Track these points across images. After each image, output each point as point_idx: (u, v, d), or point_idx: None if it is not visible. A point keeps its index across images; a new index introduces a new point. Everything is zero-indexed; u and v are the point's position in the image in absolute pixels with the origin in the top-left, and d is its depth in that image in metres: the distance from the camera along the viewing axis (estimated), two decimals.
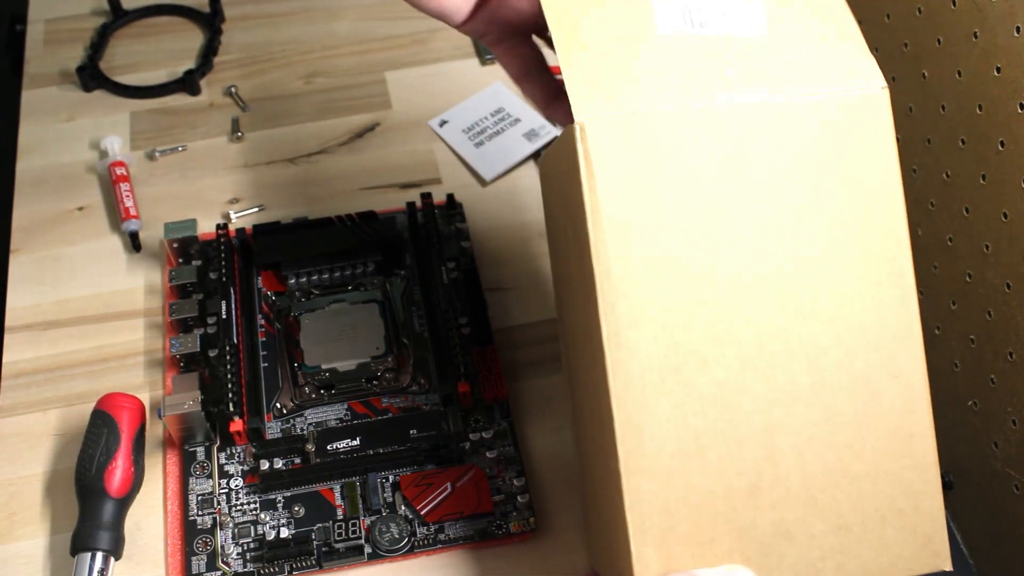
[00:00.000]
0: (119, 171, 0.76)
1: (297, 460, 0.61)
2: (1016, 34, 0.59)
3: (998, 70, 0.61)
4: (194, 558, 0.58)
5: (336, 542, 0.58)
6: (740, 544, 0.42)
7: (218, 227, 0.70)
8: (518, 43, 0.55)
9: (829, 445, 0.43)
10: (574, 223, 0.44)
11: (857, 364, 0.43)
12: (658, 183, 0.42)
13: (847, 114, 0.43)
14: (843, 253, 0.43)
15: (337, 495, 0.60)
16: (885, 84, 0.43)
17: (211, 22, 0.89)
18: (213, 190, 0.77)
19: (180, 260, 0.70)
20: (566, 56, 0.43)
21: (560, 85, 0.55)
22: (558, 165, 0.46)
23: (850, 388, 0.43)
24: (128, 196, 0.75)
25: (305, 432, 0.63)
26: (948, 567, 0.44)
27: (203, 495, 0.60)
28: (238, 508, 0.60)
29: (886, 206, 0.43)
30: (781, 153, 0.43)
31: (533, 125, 0.80)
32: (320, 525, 0.59)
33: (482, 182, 0.77)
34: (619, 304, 0.41)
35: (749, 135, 0.42)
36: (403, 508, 0.59)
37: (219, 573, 0.57)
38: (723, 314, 0.42)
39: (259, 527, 0.59)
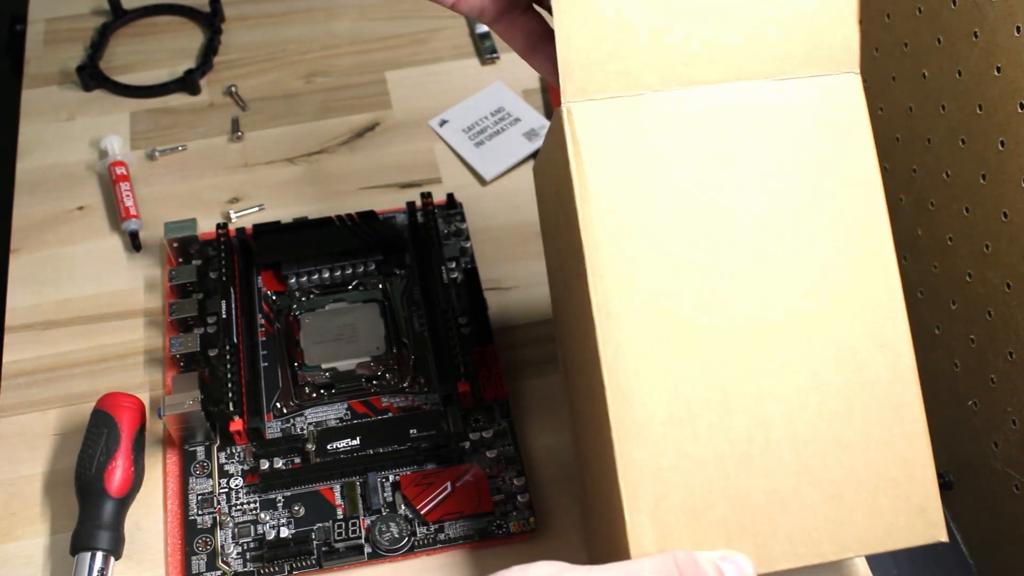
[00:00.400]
0: (119, 171, 0.76)
1: (297, 460, 0.61)
2: (1016, 34, 0.59)
3: (998, 70, 0.61)
4: (194, 558, 0.58)
5: (336, 542, 0.58)
6: (734, 513, 0.42)
7: (218, 227, 0.70)
8: (518, 15, 0.52)
9: (819, 414, 0.43)
10: (564, 205, 0.45)
11: (843, 334, 0.44)
12: (644, 161, 0.44)
13: (821, 95, 0.45)
14: (824, 225, 0.45)
15: (337, 495, 0.60)
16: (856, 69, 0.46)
17: (211, 22, 0.89)
18: (213, 190, 0.77)
19: (180, 260, 0.70)
20: (562, 30, 0.44)
21: None
22: (549, 153, 0.48)
23: (837, 357, 0.44)
24: (128, 196, 0.75)
25: (305, 432, 0.63)
26: (943, 538, 0.44)
27: (203, 495, 0.60)
28: (238, 508, 0.60)
29: (863, 179, 0.45)
30: (761, 131, 0.45)
31: (533, 125, 0.80)
32: (320, 525, 0.59)
33: (482, 182, 0.77)
34: (608, 275, 0.43)
35: (732, 117, 0.45)
36: (403, 508, 0.59)
37: (219, 573, 0.57)
38: (710, 284, 0.44)
39: (259, 527, 0.59)
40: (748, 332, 0.43)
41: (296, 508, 0.59)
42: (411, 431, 0.62)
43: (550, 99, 0.82)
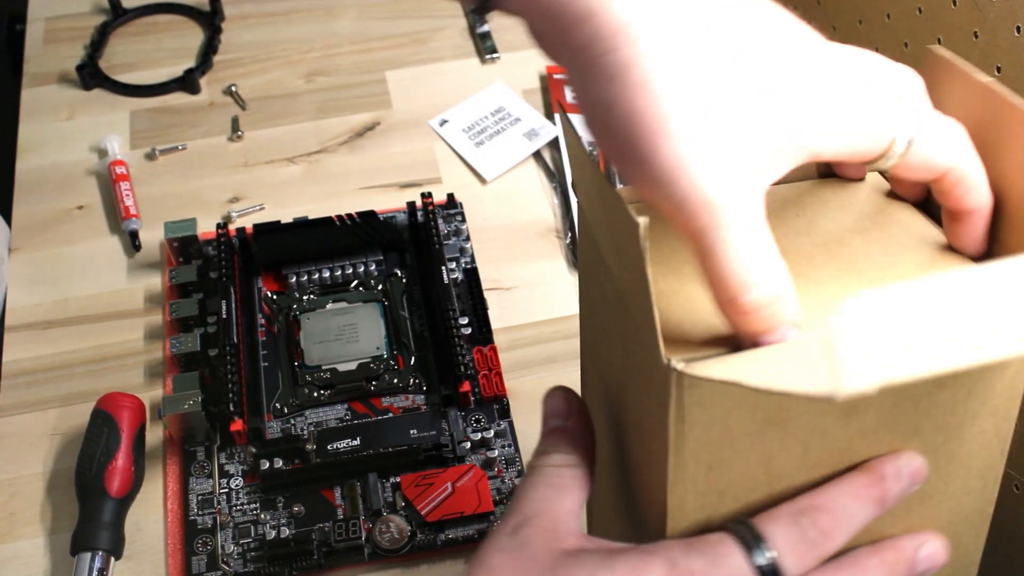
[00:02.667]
0: (119, 170, 0.76)
1: (297, 460, 0.61)
2: (1016, 34, 0.59)
3: (998, 70, 0.61)
4: (194, 558, 0.58)
5: (336, 542, 0.58)
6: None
7: (218, 227, 0.70)
8: None
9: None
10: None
11: None
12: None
13: None
14: None
15: (337, 495, 0.60)
16: None
17: (211, 21, 0.89)
18: (213, 189, 0.77)
19: (180, 260, 0.70)
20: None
21: None
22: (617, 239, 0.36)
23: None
24: (128, 195, 0.75)
25: (305, 432, 0.63)
26: None
27: (203, 495, 0.60)
28: (238, 508, 0.60)
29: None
30: None
31: (533, 125, 0.80)
32: (320, 525, 0.59)
33: (482, 181, 0.77)
34: None
35: None
36: (403, 508, 0.59)
37: (219, 573, 0.57)
38: None
39: (259, 527, 0.59)
40: None
41: (296, 508, 0.59)
42: (411, 431, 0.62)
43: (550, 99, 0.82)
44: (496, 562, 0.34)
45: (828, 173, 0.42)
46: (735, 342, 0.34)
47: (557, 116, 0.80)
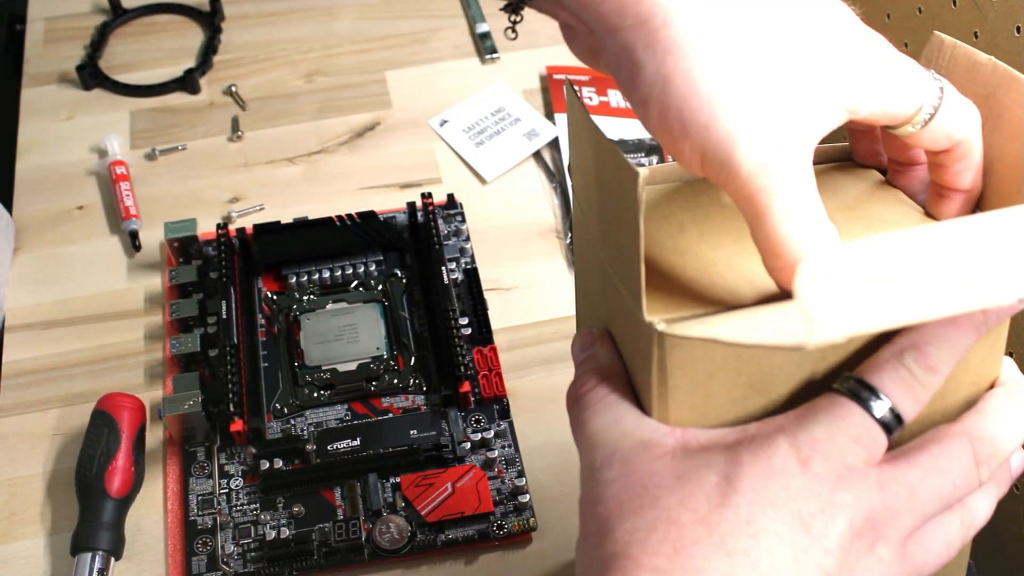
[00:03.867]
0: (119, 170, 0.76)
1: (297, 460, 0.61)
2: (1016, 34, 0.59)
3: None
4: (194, 558, 0.58)
5: (336, 542, 0.58)
6: None
7: (218, 227, 0.70)
8: None
9: None
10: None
11: None
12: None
13: None
14: None
15: (337, 495, 0.60)
16: None
17: (211, 21, 0.89)
18: (213, 189, 0.77)
19: (180, 260, 0.70)
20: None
21: None
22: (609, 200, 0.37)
23: None
24: (128, 195, 0.75)
25: (305, 432, 0.63)
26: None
27: (203, 495, 0.60)
28: (238, 508, 0.60)
29: None
30: None
31: (533, 125, 0.80)
32: (320, 525, 0.59)
33: (482, 181, 0.77)
34: None
35: None
36: (403, 508, 0.59)
37: (219, 573, 0.57)
38: None
39: (259, 527, 0.59)
40: None
41: (296, 509, 0.59)
42: (411, 432, 0.62)
43: (550, 99, 0.82)
44: (613, 492, 0.33)
45: (839, 159, 0.43)
46: (718, 309, 0.35)
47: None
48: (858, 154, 0.42)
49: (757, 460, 0.32)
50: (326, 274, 0.70)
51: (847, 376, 0.34)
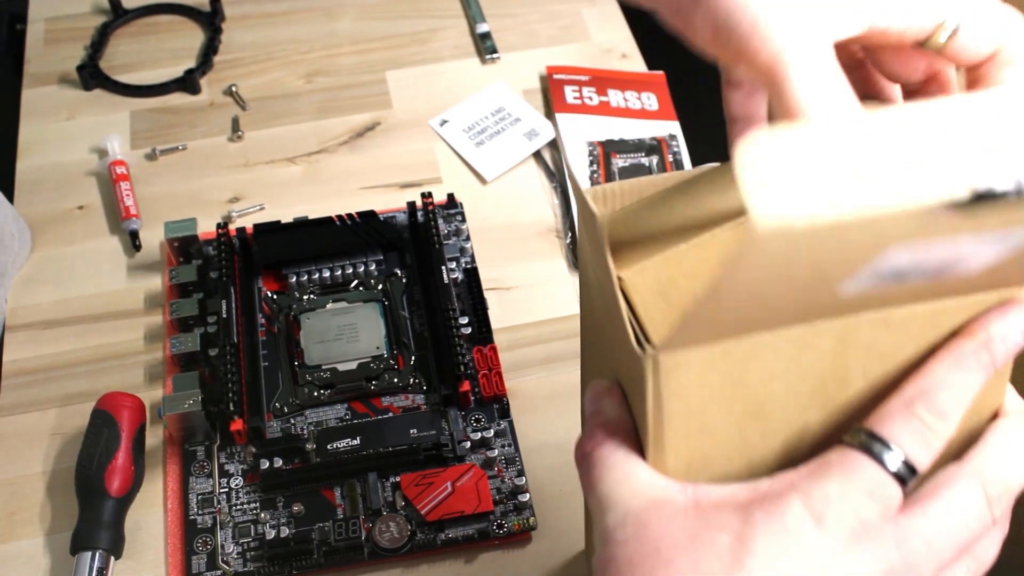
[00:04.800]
0: (119, 170, 0.76)
1: (297, 460, 0.61)
2: None
3: None
4: (194, 557, 0.58)
5: (336, 541, 0.58)
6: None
7: (218, 226, 0.70)
8: None
9: None
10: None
11: None
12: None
13: None
14: None
15: (337, 494, 0.60)
16: None
17: (211, 21, 0.89)
18: (213, 189, 0.77)
19: (180, 259, 0.70)
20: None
21: None
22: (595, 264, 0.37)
23: None
24: (128, 195, 0.75)
25: (305, 432, 0.63)
26: None
27: (203, 494, 0.60)
28: (238, 508, 0.60)
29: None
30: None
31: (533, 125, 0.80)
32: (320, 524, 0.59)
33: (482, 181, 0.77)
34: None
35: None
36: (403, 508, 0.59)
37: (219, 573, 0.57)
38: None
39: (259, 527, 0.59)
40: None
41: (296, 508, 0.59)
42: (411, 431, 0.62)
43: (550, 99, 0.82)
44: (625, 554, 0.32)
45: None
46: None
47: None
48: (891, 76, 0.40)
49: (770, 519, 0.31)
50: (326, 274, 0.70)
51: (858, 428, 0.33)
